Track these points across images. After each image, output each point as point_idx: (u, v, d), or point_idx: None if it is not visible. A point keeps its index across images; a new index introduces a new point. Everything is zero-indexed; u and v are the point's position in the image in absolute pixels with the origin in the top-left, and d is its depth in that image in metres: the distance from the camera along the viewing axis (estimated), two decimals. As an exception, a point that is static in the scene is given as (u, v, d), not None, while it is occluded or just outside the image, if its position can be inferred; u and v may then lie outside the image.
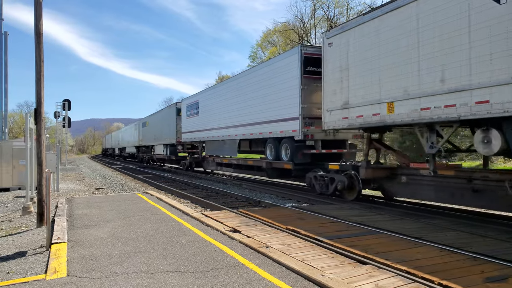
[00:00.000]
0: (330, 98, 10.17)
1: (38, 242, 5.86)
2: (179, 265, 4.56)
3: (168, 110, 27.28)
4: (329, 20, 35.52)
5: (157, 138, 28.93)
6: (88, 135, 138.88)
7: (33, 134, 8.84)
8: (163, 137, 27.10)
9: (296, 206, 9.33)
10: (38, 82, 7.10)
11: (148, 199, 10.33)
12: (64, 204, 9.56)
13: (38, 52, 7.11)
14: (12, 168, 13.76)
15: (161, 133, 27.70)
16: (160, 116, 29.02)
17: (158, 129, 28.58)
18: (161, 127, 27.83)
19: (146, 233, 6.30)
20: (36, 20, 7.11)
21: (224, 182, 16.83)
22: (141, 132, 34.66)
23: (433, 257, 4.74)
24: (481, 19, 6.39)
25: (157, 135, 28.95)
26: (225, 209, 8.87)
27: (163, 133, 27.17)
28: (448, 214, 8.16)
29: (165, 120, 26.80)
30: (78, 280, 4.11)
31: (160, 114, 29.27)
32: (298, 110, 11.48)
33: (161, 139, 27.52)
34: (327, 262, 4.60)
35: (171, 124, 25.22)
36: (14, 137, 52.58)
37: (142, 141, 34.38)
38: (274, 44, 43.68)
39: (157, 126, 29.09)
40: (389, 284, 3.87)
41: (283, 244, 5.42)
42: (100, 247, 5.40)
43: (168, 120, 25.96)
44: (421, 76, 7.51)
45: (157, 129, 28.84)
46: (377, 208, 8.89)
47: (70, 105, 21.71)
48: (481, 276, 4.06)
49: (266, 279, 4.07)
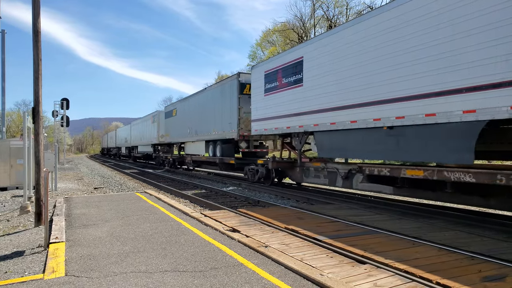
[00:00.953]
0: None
1: (36, 241, 5.84)
2: (178, 265, 4.56)
3: (221, 88, 17.79)
4: (328, 19, 35.57)
5: (195, 131, 20.78)
6: (87, 134, 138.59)
7: (31, 133, 8.81)
8: (208, 129, 18.92)
9: (295, 206, 9.33)
10: (36, 81, 7.08)
11: (147, 199, 10.32)
12: (62, 204, 9.54)
13: (36, 51, 7.08)
14: (10, 167, 13.72)
15: (205, 124, 19.30)
16: (203, 98, 19.89)
17: (197, 118, 20.51)
18: (204, 114, 19.59)
19: (145, 232, 6.29)
20: (34, 18, 7.09)
21: (223, 182, 16.82)
22: (163, 125, 27.76)
23: (432, 256, 4.75)
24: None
25: (194, 127, 20.89)
26: (224, 209, 8.87)
27: (208, 122, 18.84)
28: (447, 214, 8.17)
29: (216, 102, 18.04)
30: (76, 280, 4.09)
31: (203, 96, 20.06)
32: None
33: (204, 132, 19.49)
34: (326, 262, 4.61)
35: (228, 109, 16.59)
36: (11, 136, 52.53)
37: (165, 137, 27.18)
38: (274, 43, 43.71)
39: (195, 114, 20.90)
40: (387, 284, 3.87)
41: (282, 244, 5.43)
42: (99, 247, 5.39)
43: (222, 102, 17.29)
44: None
45: (196, 118, 20.71)
46: (376, 208, 8.91)
47: (68, 104, 21.68)
48: (479, 275, 4.07)
49: (265, 278, 4.06)
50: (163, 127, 27.98)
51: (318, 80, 10.37)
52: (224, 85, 17.38)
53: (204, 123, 19.47)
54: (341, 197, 11.13)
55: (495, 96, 6.17)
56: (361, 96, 8.83)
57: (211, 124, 18.59)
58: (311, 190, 12.79)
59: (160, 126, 28.50)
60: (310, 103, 10.77)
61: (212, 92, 18.95)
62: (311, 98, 10.73)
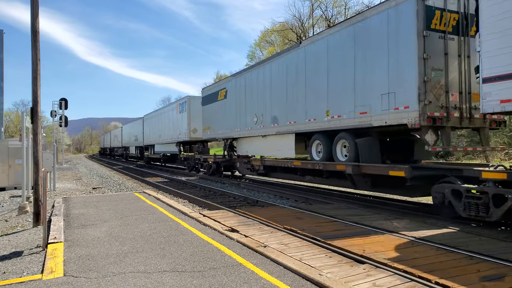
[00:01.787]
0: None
1: (34, 242, 5.83)
2: (177, 265, 4.55)
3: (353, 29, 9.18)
4: (327, 19, 35.59)
5: (272, 118, 13.03)
6: (85, 134, 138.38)
7: (29, 133, 8.79)
8: (314, 113, 10.77)
9: (294, 206, 9.33)
10: (34, 81, 7.06)
11: (146, 199, 10.30)
12: (60, 204, 9.52)
13: (35, 51, 7.07)
14: (8, 167, 13.69)
15: (301, 105, 11.36)
16: (295, 60, 11.74)
17: (279, 97, 12.60)
18: (296, 90, 11.60)
19: (144, 232, 6.28)
20: (33, 18, 7.07)
21: (222, 182, 16.82)
22: (197, 115, 21.40)
23: (430, 256, 4.76)
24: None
25: (271, 111, 13.16)
26: (223, 209, 8.86)
27: (316, 101, 10.73)
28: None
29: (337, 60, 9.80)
30: (75, 280, 4.09)
31: (293, 56, 11.95)
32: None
33: (300, 119, 11.40)
34: (325, 262, 4.61)
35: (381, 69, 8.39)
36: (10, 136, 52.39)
37: (202, 132, 20.41)
38: (272, 43, 43.72)
39: (275, 91, 12.92)
40: (386, 283, 3.88)
41: (281, 244, 5.43)
42: (97, 247, 5.38)
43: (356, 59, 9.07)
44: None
45: (276, 97, 12.84)
46: (374, 208, 8.92)
47: (67, 104, 21.65)
48: (477, 275, 4.08)
49: (264, 278, 4.06)
50: (196, 118, 21.59)
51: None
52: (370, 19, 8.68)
53: (299, 104, 11.41)
54: (340, 196, 11.13)
55: None
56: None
57: (322, 103, 10.33)
58: (310, 190, 12.79)
59: (192, 117, 22.15)
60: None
61: (323, 43, 10.24)
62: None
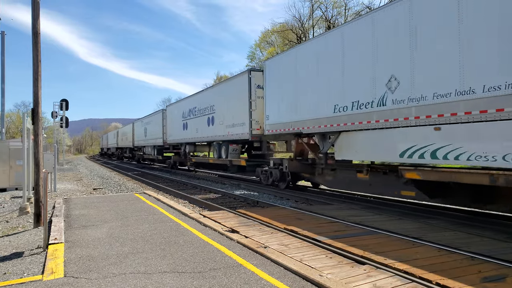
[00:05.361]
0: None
1: (35, 242, 5.83)
2: (177, 266, 4.55)
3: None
4: (327, 20, 35.60)
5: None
6: (86, 135, 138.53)
7: (30, 134, 8.80)
8: None
9: (294, 206, 9.32)
10: (35, 82, 7.07)
11: (146, 200, 10.30)
12: (61, 205, 9.52)
13: (36, 52, 7.08)
14: (9, 168, 13.70)
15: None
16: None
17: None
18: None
19: (144, 233, 6.28)
20: (34, 19, 7.08)
21: (222, 183, 16.81)
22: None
23: (431, 257, 4.75)
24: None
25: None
26: (223, 209, 8.85)
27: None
28: (446, 214, 8.18)
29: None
30: (75, 281, 4.09)
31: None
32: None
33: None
34: (325, 262, 4.60)
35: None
36: (11, 137, 52.44)
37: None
38: (272, 44, 43.72)
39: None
40: (387, 284, 3.87)
41: (281, 244, 5.42)
42: (98, 248, 5.38)
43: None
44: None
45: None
46: (375, 208, 8.91)
47: (67, 105, 21.63)
48: (478, 276, 4.07)
49: (264, 279, 4.06)
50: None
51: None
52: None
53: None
54: (340, 197, 11.12)
55: None
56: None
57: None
58: (310, 191, 12.77)
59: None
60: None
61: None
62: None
